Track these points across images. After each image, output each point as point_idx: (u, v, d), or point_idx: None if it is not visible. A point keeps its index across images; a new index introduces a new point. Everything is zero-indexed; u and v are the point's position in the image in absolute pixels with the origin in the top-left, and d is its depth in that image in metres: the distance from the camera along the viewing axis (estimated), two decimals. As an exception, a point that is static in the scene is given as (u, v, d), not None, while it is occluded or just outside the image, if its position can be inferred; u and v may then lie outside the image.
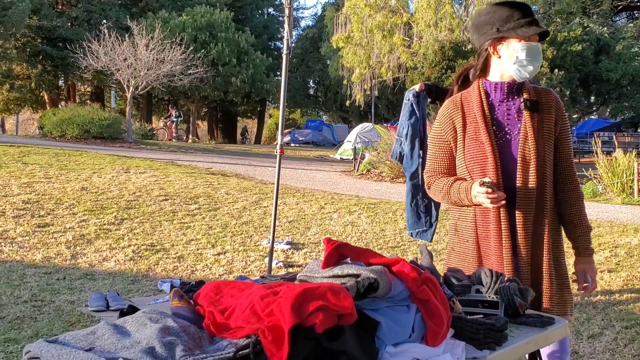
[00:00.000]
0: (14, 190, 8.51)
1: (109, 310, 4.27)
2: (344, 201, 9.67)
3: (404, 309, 1.37)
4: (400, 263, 1.42)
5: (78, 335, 1.33)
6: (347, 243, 1.50)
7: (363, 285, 1.33)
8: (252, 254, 6.10)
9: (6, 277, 5.02)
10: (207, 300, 1.49)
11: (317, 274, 1.48)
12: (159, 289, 4.85)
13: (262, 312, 1.26)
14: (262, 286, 1.43)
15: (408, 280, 1.38)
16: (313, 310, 1.18)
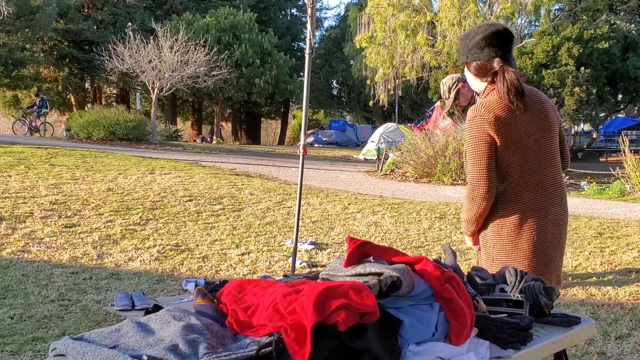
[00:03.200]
0: (42, 191, 8.63)
1: (134, 310, 4.33)
2: (368, 201, 9.64)
3: (427, 308, 1.37)
4: (423, 261, 1.42)
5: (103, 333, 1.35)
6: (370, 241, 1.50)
7: (386, 283, 1.33)
8: (275, 254, 6.11)
9: (34, 276, 5.09)
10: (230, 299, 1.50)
11: (340, 273, 1.48)
12: (183, 288, 4.90)
13: (284, 310, 1.26)
14: (284, 285, 1.44)
15: (431, 278, 1.38)
16: (335, 309, 1.18)
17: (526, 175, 2.55)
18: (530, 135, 2.56)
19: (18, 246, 6.01)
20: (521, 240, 2.55)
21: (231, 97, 31.28)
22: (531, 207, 2.56)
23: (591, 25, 25.04)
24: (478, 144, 2.51)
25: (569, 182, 13.26)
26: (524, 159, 2.54)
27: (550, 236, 2.58)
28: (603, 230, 7.34)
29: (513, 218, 2.55)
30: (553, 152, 2.66)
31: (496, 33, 2.60)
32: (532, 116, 2.58)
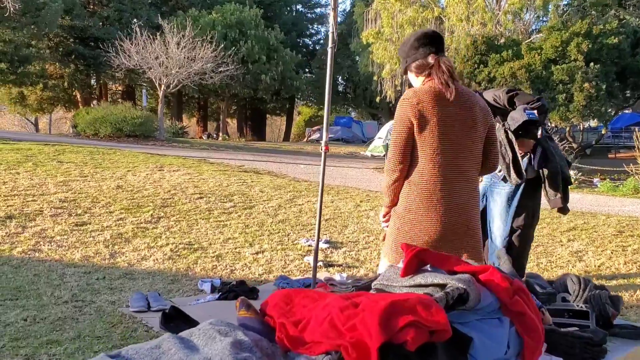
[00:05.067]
0: (51, 189, 8.54)
1: (150, 311, 4.22)
2: (380, 199, 9.52)
3: (496, 323, 1.25)
4: (489, 271, 1.30)
5: (142, 350, 1.23)
6: (428, 249, 1.38)
7: (452, 296, 1.21)
8: (290, 253, 6.00)
9: (46, 276, 4.99)
10: (277, 311, 1.38)
11: (396, 283, 1.36)
12: (199, 288, 4.80)
13: (342, 326, 1.14)
14: (338, 296, 1.31)
15: (499, 290, 1.26)
16: (403, 326, 1.06)
17: (442, 161, 2.78)
18: (451, 128, 2.78)
19: (29, 245, 5.91)
20: (426, 217, 2.79)
21: (237, 93, 31.13)
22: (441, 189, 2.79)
23: (600, 21, 24.81)
24: (400, 123, 2.80)
25: (581, 179, 13.11)
26: (438, 148, 2.77)
27: (452, 222, 2.80)
28: (622, 228, 7.21)
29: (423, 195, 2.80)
30: (471, 151, 2.87)
31: (426, 34, 2.95)
32: (458, 112, 2.81)
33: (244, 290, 4.61)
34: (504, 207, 4.45)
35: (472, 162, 2.89)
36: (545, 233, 6.98)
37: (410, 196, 2.84)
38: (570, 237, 6.78)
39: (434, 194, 2.80)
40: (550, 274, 5.29)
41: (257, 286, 4.84)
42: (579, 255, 5.95)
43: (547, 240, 6.65)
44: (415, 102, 2.76)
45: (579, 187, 12.08)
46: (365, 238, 6.68)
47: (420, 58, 2.89)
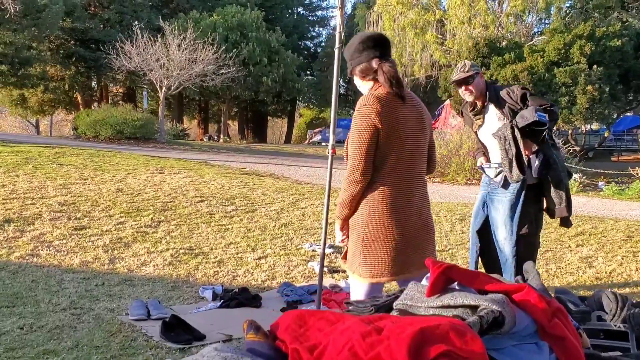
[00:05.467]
0: (50, 192, 8.42)
1: (150, 319, 4.10)
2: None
3: (534, 348, 1.12)
4: (524, 290, 1.17)
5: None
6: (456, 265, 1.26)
7: (487, 320, 1.09)
8: (294, 258, 5.87)
9: (44, 282, 4.87)
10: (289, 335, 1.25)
11: (421, 303, 1.23)
12: (200, 295, 4.68)
13: (365, 355, 1.02)
14: (358, 319, 1.19)
15: (536, 311, 1.14)
16: (435, 357, 0.94)
17: (401, 164, 2.77)
18: (409, 129, 2.79)
19: (27, 250, 5.79)
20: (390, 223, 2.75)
21: (238, 95, 31.05)
22: (401, 193, 2.78)
23: (603, 23, 24.69)
24: (363, 130, 2.71)
25: (586, 182, 12.98)
26: (402, 150, 2.76)
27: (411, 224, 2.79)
28: (632, 233, 7.08)
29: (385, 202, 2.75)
30: (424, 153, 2.90)
31: (371, 37, 2.88)
32: (412, 114, 2.81)
33: (247, 298, 4.49)
34: (508, 215, 4.34)
35: (424, 165, 2.92)
36: (553, 238, 6.86)
37: (372, 204, 2.78)
38: (578, 242, 6.65)
39: (397, 199, 2.77)
40: (561, 280, 5.17)
41: (260, 293, 4.72)
42: (589, 261, 5.83)
43: (555, 245, 6.52)
44: (379, 107, 2.72)
45: (583, 190, 11.96)
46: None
47: (364, 61, 2.85)
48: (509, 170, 4.29)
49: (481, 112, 4.52)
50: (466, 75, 4.51)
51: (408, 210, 2.79)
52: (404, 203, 2.78)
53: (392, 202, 2.76)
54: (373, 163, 2.75)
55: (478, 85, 4.47)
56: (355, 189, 2.77)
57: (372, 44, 2.85)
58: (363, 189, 2.78)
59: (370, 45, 2.84)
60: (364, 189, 2.78)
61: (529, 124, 4.11)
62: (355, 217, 2.83)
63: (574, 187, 11.75)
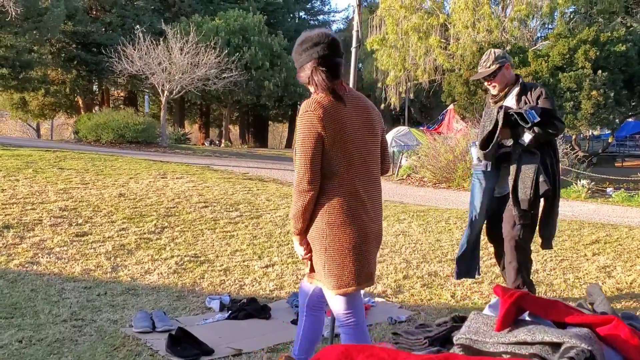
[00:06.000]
0: (51, 196, 8.24)
1: (155, 332, 3.92)
2: (390, 208, 9.21)
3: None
4: (612, 323, 1.00)
5: None
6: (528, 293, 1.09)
7: (578, 362, 0.91)
8: (302, 267, 5.68)
9: (44, 292, 4.69)
10: (334, 373, 1.07)
11: (490, 338, 1.06)
12: (207, 306, 4.50)
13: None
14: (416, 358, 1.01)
15: (628, 348, 0.97)
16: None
17: (354, 170, 2.67)
18: (358, 133, 2.69)
19: (27, 257, 5.61)
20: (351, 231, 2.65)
21: (240, 100, 30.86)
22: (358, 199, 2.67)
23: (607, 28, 24.57)
24: (307, 137, 2.60)
25: (594, 189, 12.80)
26: (352, 155, 2.66)
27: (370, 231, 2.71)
28: (648, 241, 6.90)
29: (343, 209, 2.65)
30: (376, 155, 2.80)
31: (309, 38, 2.73)
32: (358, 117, 2.71)
33: (256, 309, 4.30)
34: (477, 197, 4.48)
35: (378, 167, 2.84)
36: (568, 246, 6.67)
37: (330, 213, 2.67)
38: (594, 251, 6.46)
39: (354, 205, 2.68)
40: (580, 291, 4.99)
41: (269, 303, 4.54)
42: (607, 271, 5.64)
43: (570, 254, 6.33)
44: (321, 113, 2.61)
45: (592, 197, 11.78)
46: (379, 250, 6.36)
47: (303, 64, 2.75)
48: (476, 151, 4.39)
49: (502, 99, 4.41)
50: (487, 72, 4.37)
51: (366, 215, 2.71)
52: (362, 209, 2.69)
53: (350, 209, 2.67)
54: (322, 171, 2.64)
55: (503, 78, 4.38)
56: (306, 200, 2.64)
57: (311, 45, 2.72)
58: (314, 199, 2.65)
59: (309, 47, 2.72)
60: (319, 199, 2.67)
61: (515, 113, 4.07)
62: (315, 229, 2.71)
63: (582, 194, 11.59)
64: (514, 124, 4.11)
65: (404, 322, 4.17)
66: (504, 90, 4.39)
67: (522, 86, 4.34)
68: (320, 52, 2.68)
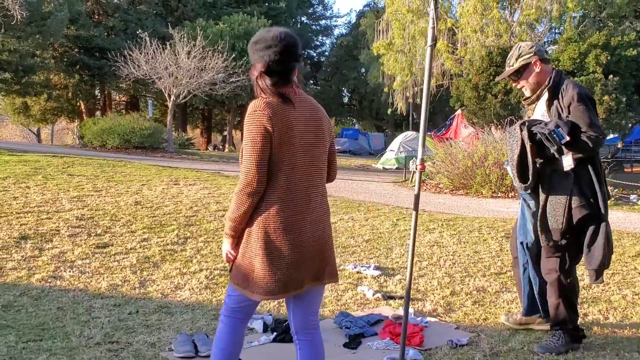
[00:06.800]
0: (65, 205, 7.93)
1: (198, 357, 3.61)
2: (415, 217, 8.89)
3: None
4: None
5: None
6: None
7: None
8: (340, 281, 5.36)
9: (72, 310, 4.36)
10: None
11: None
12: (249, 326, 4.16)
13: None
14: None
15: None
16: None
17: (296, 174, 2.59)
18: (305, 136, 2.61)
19: (48, 271, 5.29)
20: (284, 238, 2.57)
21: (244, 104, 30.54)
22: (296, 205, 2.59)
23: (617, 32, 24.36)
24: (255, 138, 2.53)
25: (618, 196, 12.50)
26: (296, 159, 2.58)
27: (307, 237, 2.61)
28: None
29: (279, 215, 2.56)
30: (322, 161, 2.71)
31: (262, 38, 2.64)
32: (306, 121, 2.62)
33: (303, 330, 3.97)
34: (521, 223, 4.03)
35: (323, 174, 2.75)
36: (614, 258, 6.34)
37: (266, 217, 2.57)
38: (642, 263, 6.17)
39: (294, 210, 2.59)
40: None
41: (314, 323, 4.22)
42: (663, 285, 5.34)
43: (619, 266, 6.02)
44: (269, 113, 2.53)
45: (616, 204, 11.48)
46: (417, 263, 6.05)
47: (255, 63, 2.68)
48: (512, 174, 3.73)
49: (534, 101, 3.88)
50: (510, 71, 3.90)
51: (303, 222, 2.61)
52: (299, 215, 2.60)
53: (287, 215, 2.57)
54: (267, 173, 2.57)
55: (533, 77, 3.77)
56: (249, 202, 2.56)
57: (263, 47, 2.62)
58: (256, 203, 2.57)
59: (260, 49, 2.63)
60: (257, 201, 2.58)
61: (540, 132, 3.48)
62: (249, 233, 2.62)
63: (606, 201, 11.30)
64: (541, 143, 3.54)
65: (466, 346, 3.85)
66: (537, 92, 3.81)
67: (553, 88, 3.72)
68: (271, 56, 2.60)
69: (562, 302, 3.74)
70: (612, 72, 22.73)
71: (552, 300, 3.78)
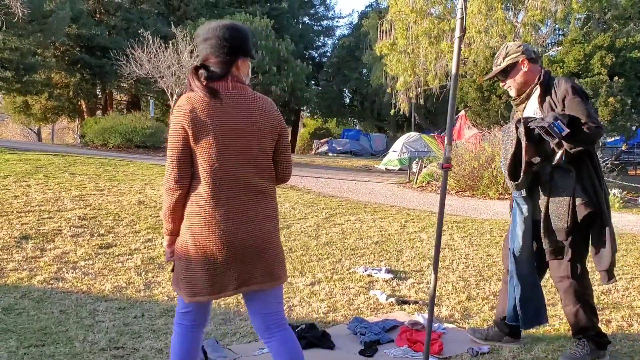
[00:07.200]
0: (67, 204, 7.76)
1: (208, 363, 3.44)
2: (423, 218, 8.74)
3: None
4: None
5: None
6: None
7: None
8: (350, 285, 5.20)
9: (75, 313, 4.20)
10: None
11: None
12: (259, 332, 3.99)
13: None
14: None
15: None
16: None
17: (224, 172, 2.50)
18: (232, 135, 2.51)
19: (50, 272, 5.12)
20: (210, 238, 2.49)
21: (245, 104, 30.39)
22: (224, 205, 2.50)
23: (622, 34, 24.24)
24: (173, 135, 2.48)
25: (626, 198, 12.34)
26: (223, 155, 2.49)
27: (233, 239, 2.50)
28: None
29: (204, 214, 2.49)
30: (256, 159, 2.57)
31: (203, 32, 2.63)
32: (237, 117, 2.52)
33: (316, 337, 3.82)
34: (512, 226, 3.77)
35: (261, 173, 2.59)
36: (631, 262, 6.19)
37: (192, 216, 2.52)
38: (659, 267, 6.00)
39: (217, 210, 2.49)
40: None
41: (326, 329, 4.06)
42: (684, 291, 5.17)
43: (637, 271, 5.86)
44: (188, 110, 2.46)
45: (625, 207, 11.31)
46: (429, 267, 5.88)
47: (200, 55, 2.66)
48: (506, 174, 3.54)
49: (524, 101, 3.70)
50: (498, 69, 3.75)
51: (233, 224, 2.50)
52: (228, 215, 2.50)
53: (213, 214, 2.49)
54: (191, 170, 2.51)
55: (520, 76, 3.62)
56: (172, 199, 2.51)
57: (202, 40, 2.63)
58: (182, 198, 2.52)
59: (200, 42, 2.64)
60: (187, 200, 2.52)
61: (538, 127, 3.32)
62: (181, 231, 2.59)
63: (615, 204, 11.12)
64: (539, 139, 3.39)
65: (487, 354, 3.68)
66: (526, 91, 3.65)
67: (545, 85, 3.56)
68: (207, 49, 2.60)
69: (581, 307, 3.56)
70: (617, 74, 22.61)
71: (569, 308, 3.59)
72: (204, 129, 2.46)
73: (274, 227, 2.65)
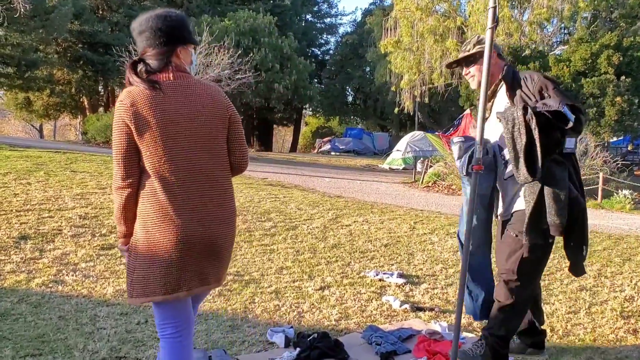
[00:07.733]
0: (68, 203, 7.56)
1: (216, 376, 3.24)
2: (432, 219, 8.53)
3: None
4: None
5: None
6: None
7: None
8: (362, 290, 5.00)
9: (74, 319, 4.00)
10: None
11: None
12: (268, 340, 3.80)
13: None
14: None
15: None
16: None
17: (172, 167, 2.38)
18: (178, 126, 2.39)
19: (49, 274, 4.92)
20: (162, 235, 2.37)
21: (248, 102, 30.19)
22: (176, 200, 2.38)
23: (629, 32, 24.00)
24: (116, 131, 2.39)
25: (638, 200, 12.13)
26: (168, 150, 2.37)
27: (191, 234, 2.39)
28: None
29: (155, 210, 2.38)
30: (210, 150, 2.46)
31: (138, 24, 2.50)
32: (182, 108, 2.41)
33: (329, 347, 3.61)
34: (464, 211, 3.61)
35: (214, 163, 2.48)
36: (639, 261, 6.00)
37: (144, 211, 2.40)
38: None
39: (170, 205, 2.38)
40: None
41: (339, 337, 3.86)
42: None
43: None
44: (129, 104, 2.36)
45: (636, 208, 11.11)
46: (443, 270, 5.68)
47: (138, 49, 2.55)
48: (516, 166, 3.12)
49: (490, 98, 3.46)
50: (466, 54, 3.51)
51: (188, 219, 2.39)
52: (181, 210, 2.38)
53: (165, 210, 2.37)
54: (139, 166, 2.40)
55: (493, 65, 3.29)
56: (122, 198, 2.40)
57: (137, 33, 2.51)
58: (132, 197, 2.41)
59: (136, 34, 2.52)
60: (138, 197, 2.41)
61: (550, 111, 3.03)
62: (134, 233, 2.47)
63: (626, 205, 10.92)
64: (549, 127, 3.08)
65: (511, 365, 3.48)
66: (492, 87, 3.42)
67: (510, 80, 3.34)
68: (144, 41, 2.49)
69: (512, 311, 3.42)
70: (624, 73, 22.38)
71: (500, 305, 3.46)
72: (147, 122, 2.35)
73: (231, 225, 2.54)
